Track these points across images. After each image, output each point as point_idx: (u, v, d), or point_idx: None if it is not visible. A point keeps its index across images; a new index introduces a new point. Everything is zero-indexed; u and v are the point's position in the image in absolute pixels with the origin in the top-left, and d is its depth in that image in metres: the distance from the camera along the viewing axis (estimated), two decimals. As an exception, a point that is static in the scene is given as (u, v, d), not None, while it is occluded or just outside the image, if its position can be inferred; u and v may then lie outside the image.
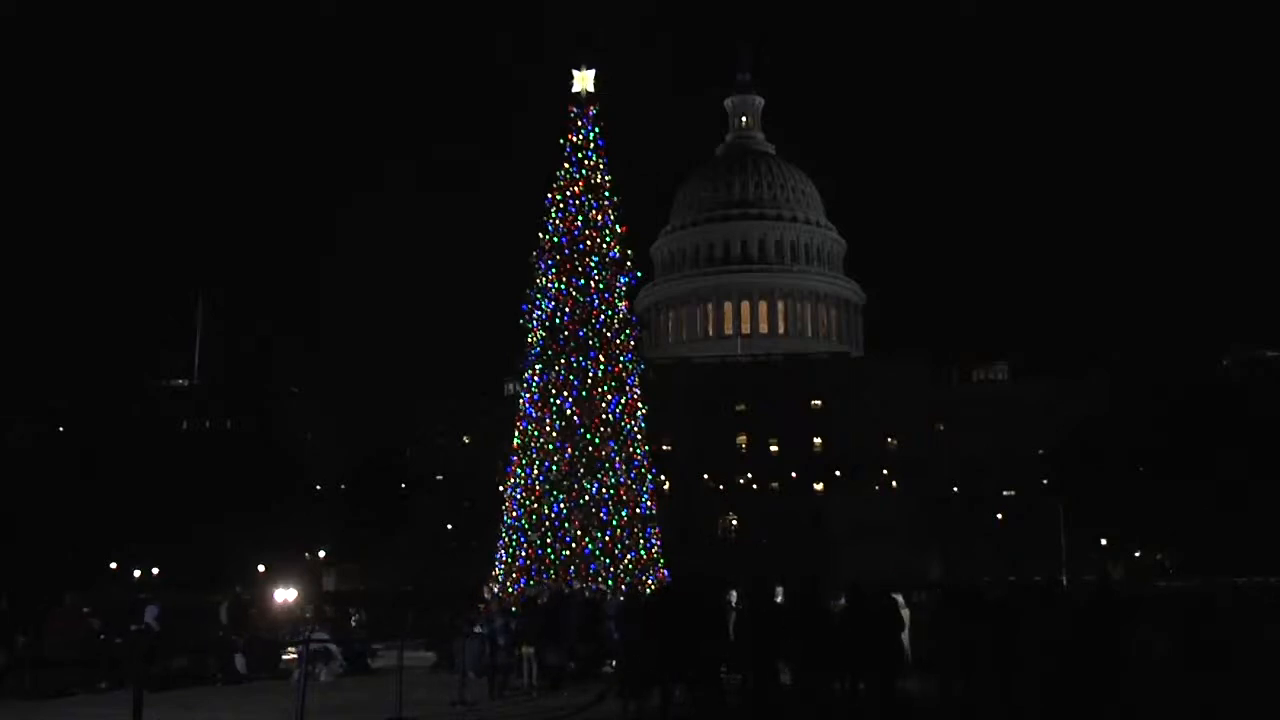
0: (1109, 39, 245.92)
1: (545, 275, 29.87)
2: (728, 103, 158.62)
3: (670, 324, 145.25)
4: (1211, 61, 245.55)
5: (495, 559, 29.46)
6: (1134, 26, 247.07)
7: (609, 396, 28.99)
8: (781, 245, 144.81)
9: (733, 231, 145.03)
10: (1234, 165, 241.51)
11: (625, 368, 29.78)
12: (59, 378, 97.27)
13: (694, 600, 16.44)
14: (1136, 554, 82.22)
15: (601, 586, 26.73)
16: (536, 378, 29.48)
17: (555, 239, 29.97)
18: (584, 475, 28.14)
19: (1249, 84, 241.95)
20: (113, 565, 77.24)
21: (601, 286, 29.67)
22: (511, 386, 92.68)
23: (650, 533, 29.10)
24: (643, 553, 28.43)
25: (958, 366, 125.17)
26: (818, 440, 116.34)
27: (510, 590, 27.19)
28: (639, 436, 29.69)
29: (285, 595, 32.40)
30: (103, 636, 22.77)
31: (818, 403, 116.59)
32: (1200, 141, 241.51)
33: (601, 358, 29.20)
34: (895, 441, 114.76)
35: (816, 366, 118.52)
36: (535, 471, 28.61)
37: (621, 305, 30.36)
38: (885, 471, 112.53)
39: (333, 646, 24.15)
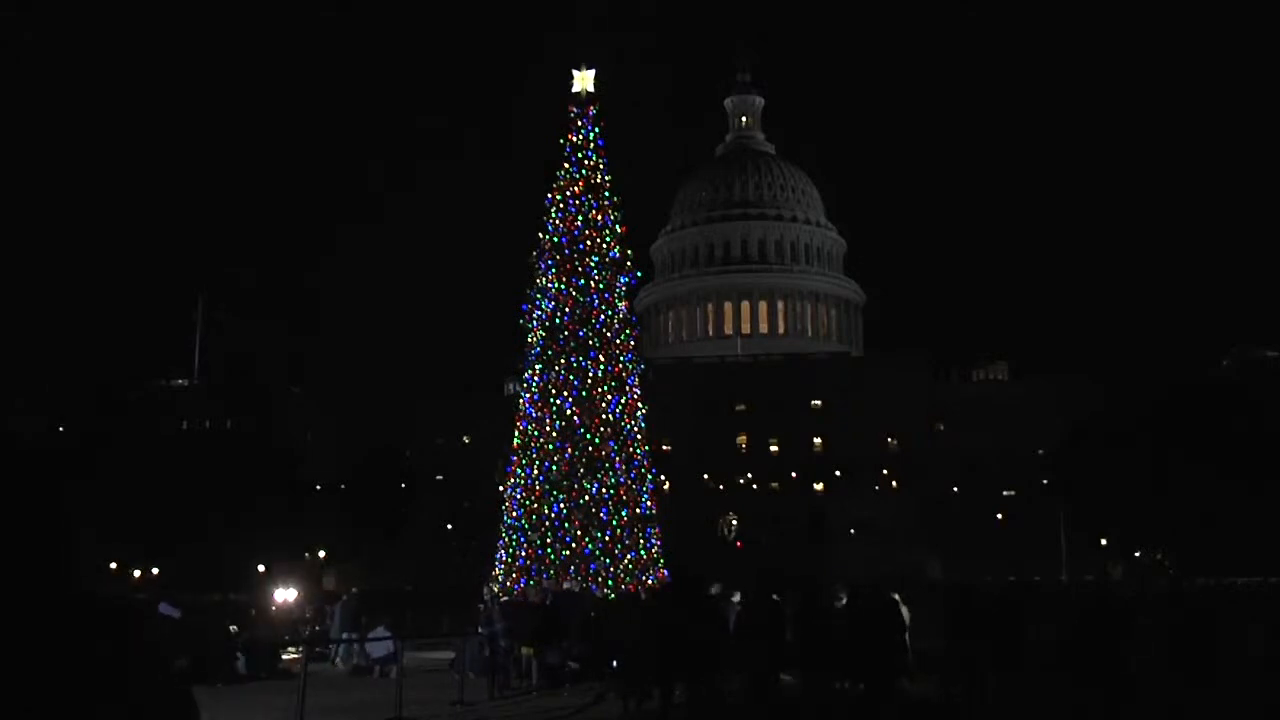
0: (1109, 39, 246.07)
1: (545, 275, 29.85)
2: (728, 103, 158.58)
3: (670, 324, 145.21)
4: (1211, 61, 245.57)
5: (495, 559, 29.45)
6: (1134, 26, 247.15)
7: (609, 396, 28.97)
8: (781, 245, 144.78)
9: (733, 231, 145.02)
10: (1234, 165, 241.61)
11: (625, 368, 29.76)
12: (59, 377, 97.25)
13: (694, 600, 16.44)
14: (1136, 554, 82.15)
15: (602, 588, 26.74)
16: (536, 378, 29.46)
17: (555, 239, 29.95)
18: (584, 475, 28.12)
19: (1249, 84, 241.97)
20: (112, 565, 77.20)
21: (601, 286, 29.64)
22: (511, 386, 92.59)
23: (650, 533, 29.07)
24: (643, 553, 28.40)
25: (958, 366, 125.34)
26: (818, 440, 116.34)
27: (511, 590, 27.19)
28: (639, 436, 29.67)
29: (285, 595, 32.33)
30: None
31: (818, 403, 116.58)
32: (1200, 141, 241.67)
33: (601, 358, 29.17)
34: (895, 441, 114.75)
35: (816, 366, 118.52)
36: (535, 471, 28.59)
37: (621, 305, 30.34)
38: (885, 471, 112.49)
39: (396, 643, 24.02)
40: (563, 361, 29.03)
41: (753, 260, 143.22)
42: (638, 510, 28.73)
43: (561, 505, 27.97)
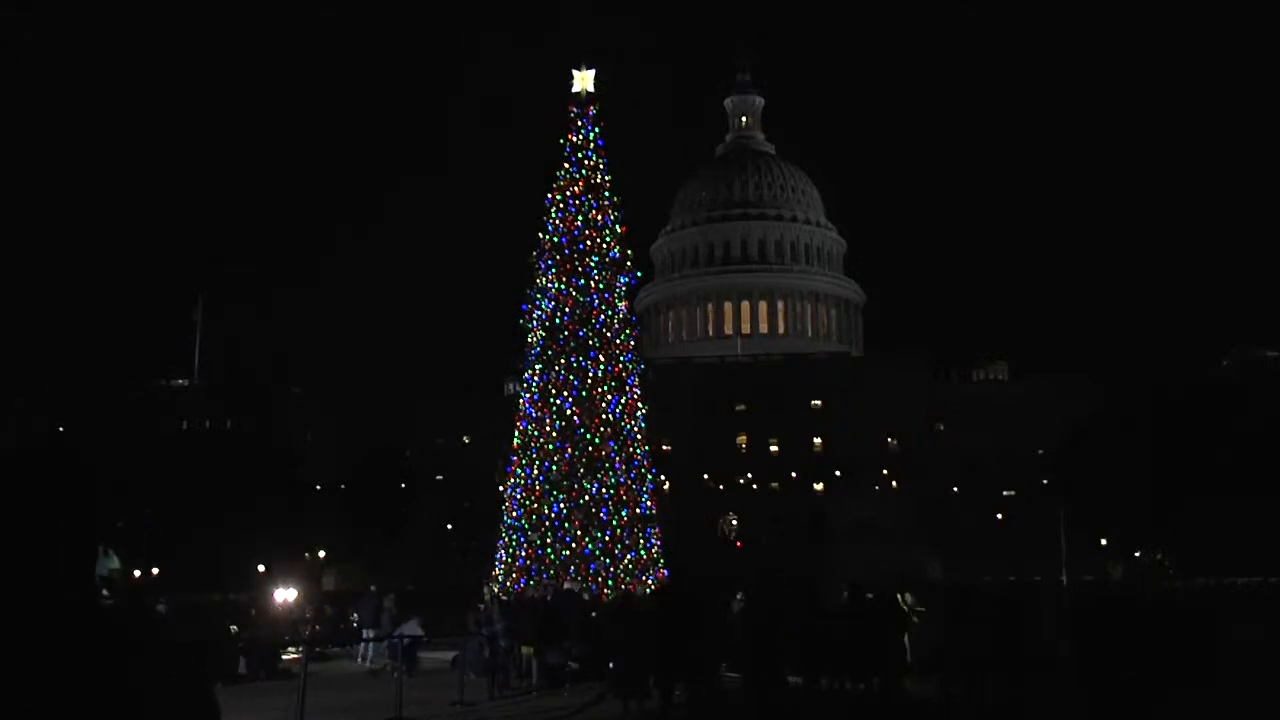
0: (1109, 39, 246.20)
1: (545, 275, 29.86)
2: (728, 103, 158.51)
3: (670, 324, 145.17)
4: (1211, 61, 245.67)
5: (495, 559, 29.45)
6: (1134, 26, 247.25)
7: (609, 396, 28.97)
8: (781, 245, 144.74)
9: (733, 231, 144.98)
10: (1234, 165, 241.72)
11: (625, 368, 29.76)
12: (58, 377, 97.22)
13: (693, 600, 16.44)
14: (1136, 554, 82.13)
15: (603, 588, 26.73)
16: (536, 378, 29.46)
17: (555, 239, 29.95)
18: (584, 475, 28.12)
19: (1249, 84, 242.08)
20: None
21: (601, 286, 29.65)
22: (511, 386, 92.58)
23: (650, 533, 29.07)
24: (643, 553, 28.40)
25: (958, 366, 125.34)
26: (818, 440, 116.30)
27: (510, 590, 27.20)
28: (639, 436, 29.67)
29: (285, 595, 32.31)
30: None
31: (818, 403, 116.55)
32: (1200, 141, 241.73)
33: (601, 358, 29.17)
34: (895, 441, 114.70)
35: (816, 366, 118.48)
36: (535, 471, 28.59)
37: (621, 305, 30.34)
38: (885, 471, 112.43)
39: (420, 636, 24.31)
40: (563, 361, 29.03)
41: (753, 260, 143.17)
42: (638, 510, 28.73)
43: (561, 505, 27.97)
